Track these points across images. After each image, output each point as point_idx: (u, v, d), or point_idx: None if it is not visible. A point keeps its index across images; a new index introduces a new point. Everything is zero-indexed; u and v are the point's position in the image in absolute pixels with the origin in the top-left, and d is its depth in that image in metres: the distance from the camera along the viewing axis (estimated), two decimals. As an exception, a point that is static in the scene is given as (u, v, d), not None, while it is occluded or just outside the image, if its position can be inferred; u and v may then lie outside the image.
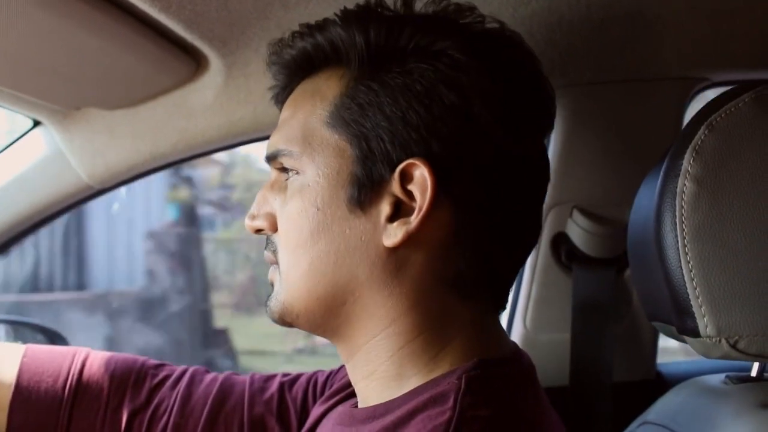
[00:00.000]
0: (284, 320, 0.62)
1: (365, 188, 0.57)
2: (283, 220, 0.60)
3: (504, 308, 0.63)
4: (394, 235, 0.56)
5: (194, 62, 0.81)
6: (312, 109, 0.60)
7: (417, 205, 0.56)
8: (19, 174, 0.93)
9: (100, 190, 0.96)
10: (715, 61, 0.88)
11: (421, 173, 0.55)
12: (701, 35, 0.83)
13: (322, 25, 0.60)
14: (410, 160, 0.55)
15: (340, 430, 0.61)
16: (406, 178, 0.56)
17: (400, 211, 0.56)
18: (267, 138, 0.93)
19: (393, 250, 0.56)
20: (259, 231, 0.63)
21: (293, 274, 0.60)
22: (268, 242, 0.63)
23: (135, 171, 0.94)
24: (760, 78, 0.89)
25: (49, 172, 0.93)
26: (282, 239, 0.61)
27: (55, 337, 1.21)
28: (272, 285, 0.63)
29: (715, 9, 0.79)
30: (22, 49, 0.69)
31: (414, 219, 0.55)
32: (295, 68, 0.63)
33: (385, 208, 0.56)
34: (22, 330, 1.20)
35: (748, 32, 0.84)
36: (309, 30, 0.61)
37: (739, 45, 0.86)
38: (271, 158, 0.62)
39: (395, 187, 0.56)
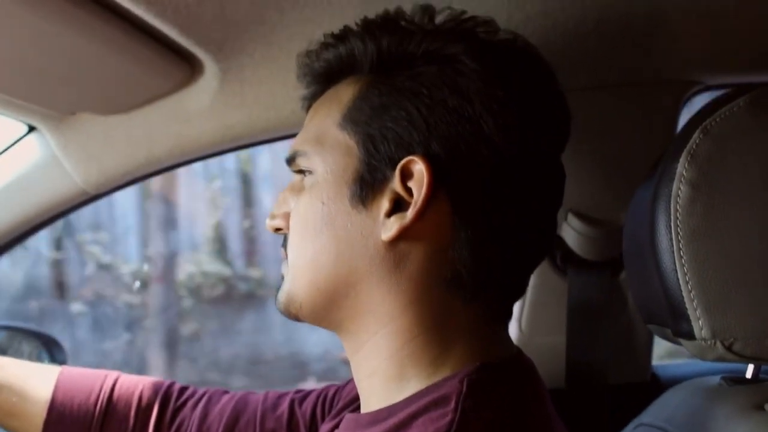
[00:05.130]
0: (289, 311, 0.64)
1: (368, 186, 0.58)
2: (294, 216, 0.63)
3: (510, 315, 0.63)
4: (390, 228, 0.57)
5: (189, 67, 0.81)
6: (328, 112, 0.62)
7: (413, 200, 0.57)
8: (13, 179, 0.93)
9: (95, 195, 0.96)
10: (709, 65, 0.88)
11: (420, 169, 0.56)
12: (696, 38, 0.83)
13: (343, 36, 0.63)
14: (410, 157, 0.57)
15: None
16: (406, 175, 0.57)
17: (400, 208, 0.58)
18: (261, 143, 0.94)
19: (391, 246, 0.57)
20: (277, 230, 0.65)
21: (298, 265, 0.62)
22: (284, 240, 0.65)
23: (130, 176, 0.94)
24: (755, 81, 0.90)
25: (44, 177, 0.93)
26: (291, 233, 0.63)
27: (50, 343, 1.20)
28: (283, 278, 0.65)
29: (709, 12, 0.80)
30: (17, 53, 0.69)
31: (410, 213, 0.56)
32: (323, 79, 0.66)
33: (384, 204, 0.58)
34: (19, 336, 1.20)
35: (743, 35, 0.84)
36: (333, 41, 0.64)
37: (734, 48, 0.86)
38: (290, 160, 0.64)
39: (396, 183, 0.57)
